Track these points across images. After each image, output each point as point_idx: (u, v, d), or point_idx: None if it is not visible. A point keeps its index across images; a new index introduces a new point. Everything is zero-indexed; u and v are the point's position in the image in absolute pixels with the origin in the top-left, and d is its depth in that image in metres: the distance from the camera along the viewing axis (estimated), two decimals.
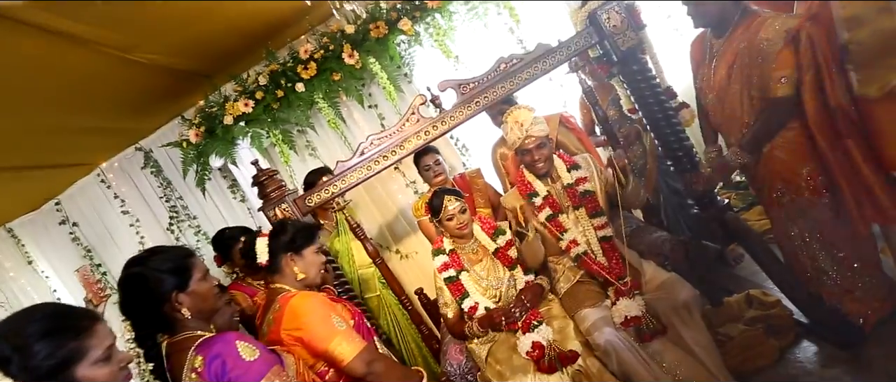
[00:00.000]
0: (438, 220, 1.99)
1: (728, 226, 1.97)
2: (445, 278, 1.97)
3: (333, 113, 2.96)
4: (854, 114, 1.52)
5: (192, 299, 1.15)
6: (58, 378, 0.84)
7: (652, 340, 1.66)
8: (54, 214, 3.44)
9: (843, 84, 1.51)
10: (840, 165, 1.61)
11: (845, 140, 1.56)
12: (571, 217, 1.94)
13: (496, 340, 1.88)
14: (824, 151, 1.62)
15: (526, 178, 2.00)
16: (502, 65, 2.11)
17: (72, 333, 0.87)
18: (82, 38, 1.94)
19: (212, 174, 3.10)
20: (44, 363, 0.83)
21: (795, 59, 1.54)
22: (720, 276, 2.21)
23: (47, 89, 2.15)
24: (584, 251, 1.89)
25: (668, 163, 2.17)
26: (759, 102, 1.66)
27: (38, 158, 2.84)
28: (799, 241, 1.78)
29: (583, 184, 1.96)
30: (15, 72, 1.89)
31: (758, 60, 1.60)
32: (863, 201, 1.62)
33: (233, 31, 2.60)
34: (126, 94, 2.63)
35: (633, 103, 2.20)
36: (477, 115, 2.14)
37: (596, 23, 2.06)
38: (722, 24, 1.73)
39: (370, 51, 2.84)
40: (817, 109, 1.58)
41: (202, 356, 1.06)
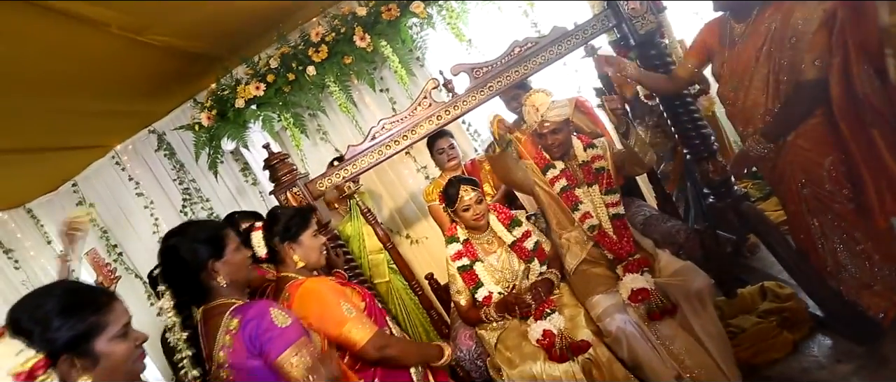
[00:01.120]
0: (453, 210, 1.98)
1: (744, 217, 1.94)
2: (459, 267, 1.97)
3: (345, 96, 2.94)
4: (880, 104, 1.47)
5: (228, 268, 1.21)
6: (77, 350, 0.86)
7: (661, 318, 1.67)
8: (71, 195, 3.50)
9: (870, 71, 1.45)
10: (863, 156, 1.57)
11: (870, 129, 1.52)
12: (585, 192, 1.94)
13: (506, 327, 1.88)
14: (848, 141, 1.58)
15: (544, 154, 1.98)
16: (516, 48, 2.08)
17: (91, 308, 0.90)
18: (95, 21, 1.94)
19: (224, 157, 3.12)
20: (64, 334, 0.85)
21: (829, 41, 1.48)
22: (735, 267, 2.18)
23: (62, 72, 2.17)
24: (598, 224, 1.89)
25: (685, 150, 2.14)
26: (788, 87, 1.60)
27: (55, 140, 2.88)
28: (819, 234, 1.75)
29: (598, 162, 1.95)
30: (30, 56, 1.91)
31: (791, 41, 1.54)
32: (884, 193, 1.58)
33: (244, 13, 2.59)
34: (139, 77, 2.64)
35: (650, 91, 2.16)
36: (490, 100, 2.12)
37: (614, 5, 2.01)
38: (745, 8, 1.67)
39: (382, 34, 2.81)
40: (842, 96, 1.53)
41: (238, 318, 1.12)
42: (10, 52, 1.83)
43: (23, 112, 2.32)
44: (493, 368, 1.85)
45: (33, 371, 0.80)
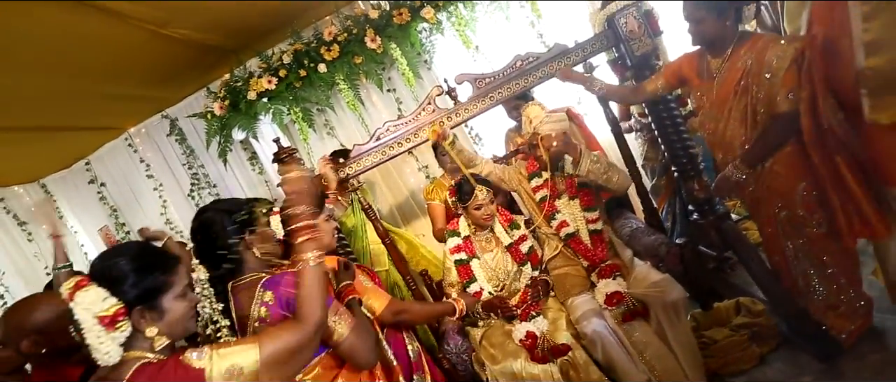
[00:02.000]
0: (465, 207, 2.11)
1: (724, 235, 2.07)
2: (456, 260, 2.11)
3: (353, 94, 3.07)
4: (843, 134, 1.60)
5: (260, 239, 1.32)
6: (147, 304, 1.00)
7: (633, 319, 1.81)
8: (84, 173, 3.65)
9: (834, 104, 1.58)
10: (832, 182, 1.69)
11: (835, 157, 1.64)
12: (566, 203, 2.08)
13: (492, 325, 2.02)
14: (818, 168, 1.70)
15: (535, 162, 2.12)
16: (519, 62, 2.20)
17: (160, 269, 1.04)
18: (121, 13, 2.08)
19: (233, 146, 3.26)
20: (137, 290, 0.99)
21: (799, 76, 1.61)
22: (715, 282, 2.30)
23: (85, 58, 2.31)
24: (574, 232, 2.05)
25: (673, 169, 2.26)
26: (765, 118, 1.72)
27: (72, 120, 3.03)
28: (792, 256, 1.87)
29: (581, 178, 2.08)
30: (62, 44, 2.04)
31: (766, 76, 1.67)
32: (852, 217, 1.70)
33: (261, 9, 2.72)
34: (157, 66, 2.78)
35: (644, 107, 2.27)
36: (492, 109, 2.25)
37: (614, 26, 2.13)
38: (721, 44, 1.79)
39: (392, 36, 2.94)
40: (811, 127, 1.65)
41: (271, 291, 1.23)
42: (44, 40, 1.98)
43: (46, 93, 2.47)
44: (478, 363, 1.98)
45: (115, 317, 0.94)
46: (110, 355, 0.93)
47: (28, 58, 2.07)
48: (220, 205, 1.36)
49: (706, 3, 1.76)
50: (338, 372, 1.30)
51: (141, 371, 0.94)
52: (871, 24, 1.42)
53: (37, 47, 2.03)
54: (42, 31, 1.93)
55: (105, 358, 0.93)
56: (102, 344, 0.92)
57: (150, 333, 0.99)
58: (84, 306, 0.92)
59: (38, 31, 1.92)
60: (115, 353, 0.93)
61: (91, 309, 0.92)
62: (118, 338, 0.94)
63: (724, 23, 1.76)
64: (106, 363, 0.93)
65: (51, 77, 2.33)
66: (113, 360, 0.93)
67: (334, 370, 1.29)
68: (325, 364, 1.28)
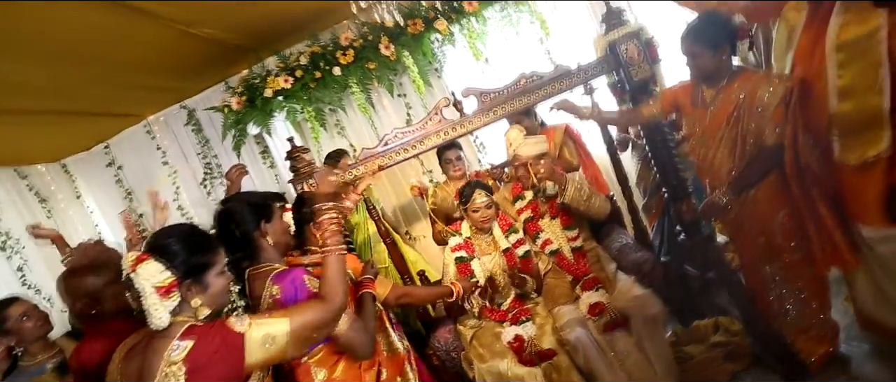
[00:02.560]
0: (465, 209, 2.26)
1: (707, 256, 2.20)
2: (456, 257, 2.27)
3: (364, 98, 3.23)
4: (819, 171, 1.73)
5: (275, 230, 1.49)
6: (195, 278, 1.17)
7: (613, 329, 1.95)
8: (103, 156, 3.84)
9: (811, 142, 1.71)
10: (809, 212, 1.82)
11: (812, 190, 1.77)
12: (548, 223, 2.24)
13: (482, 326, 2.17)
14: (797, 198, 1.83)
15: (519, 184, 2.27)
16: (523, 80, 2.35)
17: (206, 248, 1.21)
18: (154, 13, 2.25)
19: (247, 140, 3.42)
20: (188, 264, 1.15)
21: (786, 113, 1.73)
22: (697, 300, 2.43)
23: (115, 52, 2.48)
24: (557, 249, 2.21)
25: (664, 190, 2.39)
26: (753, 148, 1.85)
27: (96, 106, 3.21)
28: (768, 280, 2.00)
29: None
30: (98, 40, 2.21)
31: (758, 109, 1.79)
32: (825, 246, 1.83)
33: (284, 12, 2.88)
34: (181, 61, 2.95)
35: (640, 130, 2.41)
36: (495, 123, 2.39)
37: (615, 52, 2.27)
38: (717, 76, 1.92)
39: (405, 45, 3.09)
40: (792, 161, 1.78)
41: (278, 285, 1.41)
42: (79, 35, 2.15)
43: (75, 82, 2.65)
44: (466, 361, 2.13)
45: (169, 288, 1.11)
46: (162, 319, 1.10)
47: (62, 50, 2.23)
48: (242, 197, 1.55)
49: (702, 39, 1.89)
50: (339, 358, 1.46)
51: (190, 331, 1.12)
52: (845, 71, 1.56)
53: (72, 41, 2.19)
54: (78, 26, 2.09)
55: (157, 322, 1.10)
56: (157, 310, 1.09)
57: (194, 304, 1.15)
58: (144, 277, 1.09)
59: (75, 26, 2.08)
60: (166, 318, 1.11)
61: (150, 280, 1.09)
62: (169, 306, 1.11)
63: (719, 58, 1.89)
64: (157, 326, 1.10)
65: (81, 67, 2.50)
66: (163, 324, 1.11)
67: (336, 355, 1.46)
68: (328, 350, 1.45)
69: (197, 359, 1.10)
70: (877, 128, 1.54)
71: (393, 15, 2.24)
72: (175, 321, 1.13)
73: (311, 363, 1.43)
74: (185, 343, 1.10)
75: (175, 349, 1.10)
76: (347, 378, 1.46)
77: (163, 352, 1.10)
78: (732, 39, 1.90)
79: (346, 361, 1.47)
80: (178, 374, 1.08)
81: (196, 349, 1.10)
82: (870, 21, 1.48)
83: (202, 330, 1.13)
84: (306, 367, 1.44)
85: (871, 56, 1.49)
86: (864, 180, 1.65)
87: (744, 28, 1.94)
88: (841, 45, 1.56)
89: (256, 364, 1.17)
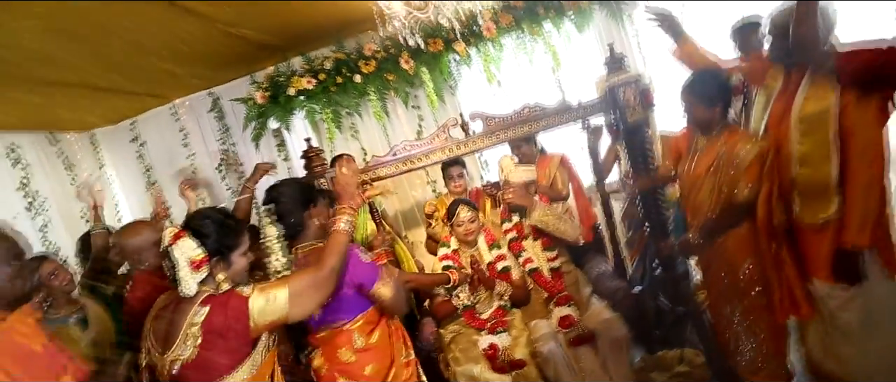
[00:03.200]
0: (450, 223, 2.50)
1: (679, 291, 2.41)
2: (444, 266, 2.51)
3: (380, 106, 3.50)
4: (787, 227, 1.94)
5: (319, 212, 1.74)
6: (223, 255, 1.40)
7: (581, 344, 2.19)
8: (128, 132, 4.14)
9: (781, 205, 1.92)
10: (773, 264, 2.02)
11: (779, 245, 1.98)
12: (531, 244, 2.51)
13: (461, 332, 2.40)
14: (764, 250, 2.04)
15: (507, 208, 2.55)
16: (526, 110, 2.59)
17: (235, 231, 1.45)
18: (198, 12, 2.53)
19: (266, 132, 3.69)
20: (219, 244, 1.39)
21: (760, 172, 1.94)
22: (668, 332, 2.64)
23: (157, 42, 2.76)
24: (537, 268, 2.47)
25: (647, 226, 2.61)
26: (726, 199, 2.07)
27: (127, 85, 3.48)
28: (729, 319, 2.21)
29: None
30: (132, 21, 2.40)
31: (732, 165, 2.01)
32: (785, 297, 2.03)
33: (315, 19, 3.14)
34: (215, 54, 3.24)
35: (629, 167, 2.64)
36: (497, 146, 2.64)
37: (613, 94, 2.50)
38: (709, 126, 2.14)
39: (424, 62, 3.35)
40: (765, 217, 1.98)
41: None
42: (126, 22, 2.41)
43: (116, 63, 2.93)
44: (443, 362, 2.36)
45: (200, 263, 1.34)
46: (191, 288, 1.34)
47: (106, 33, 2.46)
48: (294, 182, 1.82)
49: (699, 92, 2.11)
50: (375, 326, 1.73)
51: (209, 299, 1.36)
52: (805, 140, 1.78)
53: (116, 26, 2.43)
54: (125, 15, 2.35)
55: (187, 290, 1.34)
56: (187, 280, 1.33)
57: (219, 278, 1.39)
58: (181, 251, 1.33)
59: (122, 14, 2.33)
60: (194, 288, 1.35)
61: (186, 254, 1.33)
62: (198, 278, 1.35)
63: (713, 111, 2.10)
64: (186, 294, 1.34)
65: (120, 50, 2.75)
66: (192, 292, 1.34)
67: (373, 324, 1.72)
68: (367, 319, 1.71)
69: (211, 324, 1.33)
70: (828, 195, 1.76)
71: (415, 38, 2.49)
72: (199, 290, 1.37)
73: (353, 329, 1.68)
74: (204, 310, 1.35)
75: (197, 313, 1.34)
76: (380, 345, 1.72)
77: (187, 314, 1.34)
78: (726, 96, 2.12)
79: (380, 330, 1.74)
80: (196, 334, 1.33)
81: (210, 315, 1.34)
82: (826, 99, 1.70)
83: (217, 300, 1.36)
84: (348, 334, 1.69)
85: (825, 130, 1.71)
86: (817, 239, 1.86)
87: (738, 86, 2.16)
88: (803, 118, 1.78)
89: (262, 326, 1.38)
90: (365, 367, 1.68)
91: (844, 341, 1.87)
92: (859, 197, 1.70)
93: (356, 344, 1.68)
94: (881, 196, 1.72)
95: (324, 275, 1.45)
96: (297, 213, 1.69)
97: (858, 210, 1.71)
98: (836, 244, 1.79)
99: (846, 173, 1.71)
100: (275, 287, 1.39)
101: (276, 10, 2.75)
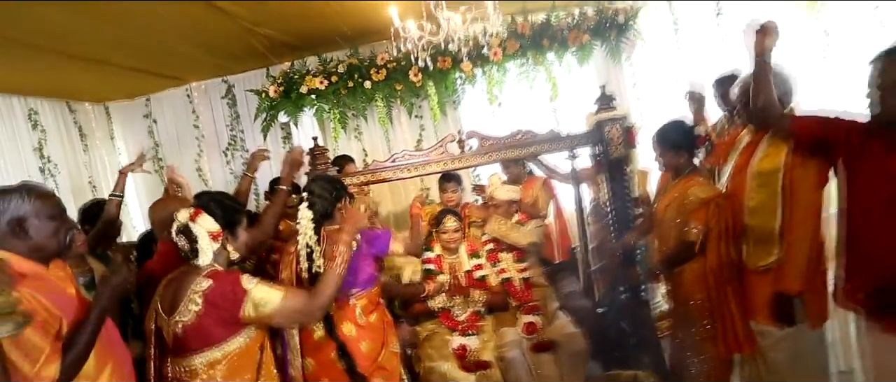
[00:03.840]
0: (436, 231, 2.76)
1: (637, 318, 2.66)
2: (425, 269, 2.77)
3: (386, 113, 3.77)
4: (733, 270, 2.19)
5: (345, 205, 2.08)
6: (231, 230, 1.66)
7: (541, 351, 2.44)
8: (142, 107, 4.39)
9: (728, 249, 2.18)
10: (719, 301, 2.28)
11: (725, 285, 2.23)
12: (505, 256, 2.79)
13: (436, 332, 2.64)
14: (711, 288, 2.29)
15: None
16: (519, 135, 2.85)
17: (238, 210, 1.73)
18: (228, 11, 2.79)
19: (274, 125, 3.94)
20: (227, 219, 1.64)
21: (706, 216, 2.21)
22: (628, 353, 2.88)
23: (185, 32, 3.03)
24: (510, 277, 2.74)
25: (618, 253, 2.86)
26: (678, 236, 2.33)
27: (151, 66, 3.74)
28: (678, 345, 2.46)
29: None
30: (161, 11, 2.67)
31: (684, 207, 2.28)
32: (728, 334, 2.28)
33: (336, 24, 3.40)
34: (237, 47, 3.50)
35: (609, 198, 2.90)
36: (489, 164, 2.90)
37: (600, 129, 2.77)
38: (678, 170, 2.41)
39: (432, 76, 3.62)
40: (714, 257, 2.24)
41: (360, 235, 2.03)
42: (162, 17, 2.67)
43: (143, 47, 3.18)
44: (417, 358, 2.60)
45: (217, 235, 1.60)
46: (208, 257, 1.59)
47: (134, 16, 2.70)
48: (330, 178, 2.19)
49: (666, 140, 2.39)
50: (375, 310, 2.01)
51: (213, 273, 1.60)
52: (756, 194, 2.04)
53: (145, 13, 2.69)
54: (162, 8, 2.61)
55: (204, 259, 1.59)
56: (206, 251, 1.58)
57: (229, 249, 1.65)
58: (202, 225, 1.59)
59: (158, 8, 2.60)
60: (210, 257, 1.60)
61: (205, 227, 1.59)
62: (214, 247, 1.60)
63: (678, 158, 2.38)
64: (203, 263, 1.59)
65: (145, 33, 2.99)
66: (208, 261, 1.60)
67: (374, 306, 2.01)
68: (370, 298, 2.01)
69: (211, 296, 1.56)
70: (771, 244, 2.01)
71: (425, 58, 2.75)
72: (209, 263, 1.62)
73: (357, 305, 1.98)
74: (208, 282, 1.58)
75: (200, 284, 1.58)
76: (376, 327, 2.01)
77: (192, 283, 1.58)
78: (690, 144, 2.40)
79: (377, 313, 2.03)
80: (198, 301, 1.56)
81: (212, 288, 1.57)
82: (777, 158, 1.96)
83: (220, 275, 1.60)
84: (353, 310, 1.97)
85: (775, 186, 1.97)
86: (760, 282, 2.11)
87: (702, 137, 2.43)
88: (757, 173, 2.04)
89: (248, 318, 1.56)
90: (361, 343, 1.94)
91: (770, 377, 2.12)
92: (796, 249, 1.96)
93: (359, 321, 1.95)
94: (816, 249, 1.98)
95: (313, 308, 1.65)
96: (329, 204, 2.02)
97: (795, 259, 1.96)
98: (775, 288, 2.04)
99: (787, 226, 1.97)
100: (272, 293, 1.58)
101: (301, 14, 3.02)
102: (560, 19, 3.53)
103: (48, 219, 1.44)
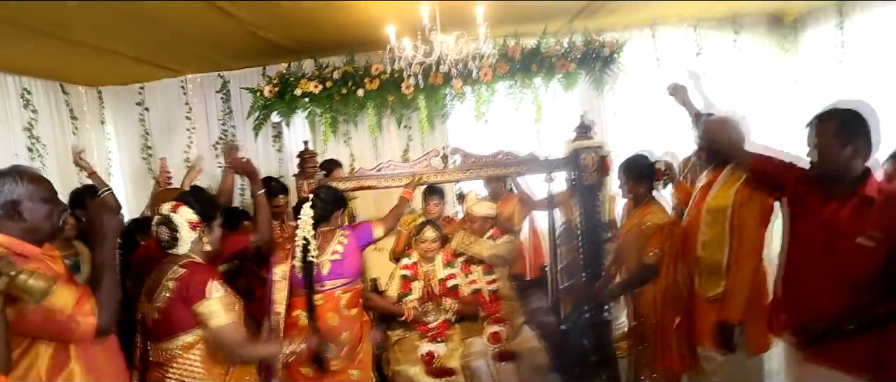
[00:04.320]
0: (416, 239, 2.92)
1: (599, 337, 2.85)
2: (402, 274, 2.94)
3: (376, 121, 3.93)
4: (679, 294, 2.40)
5: (342, 213, 2.48)
6: (207, 223, 1.81)
7: (502, 360, 2.63)
8: (136, 95, 4.49)
9: (675, 274, 2.39)
10: (666, 323, 2.48)
11: (674, 310, 2.44)
12: (476, 268, 2.99)
13: (406, 337, 2.80)
14: (660, 309, 2.50)
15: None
16: (500, 154, 3.03)
17: (215, 206, 1.90)
18: (231, 13, 2.94)
19: (266, 124, 4.08)
20: (203, 214, 1.79)
21: (661, 242, 2.42)
22: (588, 370, 3.06)
23: (190, 29, 3.17)
24: (479, 289, 2.94)
25: (584, 274, 3.06)
26: (635, 259, 2.54)
27: (150, 57, 3.85)
28: (636, 362, 2.66)
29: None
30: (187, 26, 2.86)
31: (642, 231, 2.49)
32: (674, 353, 2.48)
33: (336, 32, 3.55)
34: (237, 46, 3.65)
35: (580, 221, 3.10)
36: (470, 180, 3.08)
37: (576, 156, 2.97)
38: (638, 199, 2.63)
39: (423, 90, 3.79)
40: (662, 280, 2.45)
41: (347, 231, 2.47)
42: (165, 13, 2.81)
43: (139, 36, 3.30)
44: (386, 360, 2.75)
45: (196, 224, 1.76)
46: (186, 246, 1.75)
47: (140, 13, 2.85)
48: (333, 190, 2.48)
49: (626, 172, 2.61)
50: (356, 305, 2.29)
51: (189, 264, 1.75)
52: (708, 229, 2.25)
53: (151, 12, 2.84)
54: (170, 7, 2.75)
55: (183, 247, 1.75)
56: (184, 239, 1.74)
57: (205, 240, 1.81)
58: (182, 216, 1.75)
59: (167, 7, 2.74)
60: (188, 246, 1.76)
61: (185, 217, 1.75)
62: (192, 238, 1.76)
63: (638, 187, 2.60)
64: (181, 250, 1.75)
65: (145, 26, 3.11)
66: (186, 249, 1.75)
67: (356, 300, 2.29)
68: (355, 292, 2.30)
69: (182, 283, 1.70)
70: (718, 277, 2.22)
71: (418, 76, 2.94)
72: (186, 253, 1.77)
73: (343, 297, 2.28)
74: (182, 270, 1.73)
75: (176, 271, 1.73)
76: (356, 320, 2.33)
77: (169, 270, 1.73)
78: (650, 176, 2.62)
79: (358, 309, 2.35)
80: (170, 287, 1.71)
81: (184, 275, 1.71)
82: (727, 198, 2.18)
83: (194, 267, 1.74)
84: (338, 301, 2.27)
85: (724, 222, 2.18)
86: (707, 311, 2.31)
87: (661, 170, 2.65)
88: (710, 209, 2.25)
89: (197, 315, 1.69)
90: (342, 333, 2.19)
91: None
92: (739, 281, 2.16)
93: (343, 312, 2.22)
94: (758, 282, 2.19)
95: (240, 352, 1.76)
96: (329, 210, 2.36)
97: (737, 291, 2.17)
98: (719, 317, 2.25)
99: (733, 260, 2.18)
100: (222, 315, 1.69)
101: (303, 21, 3.18)
102: (549, 46, 3.75)
103: (42, 202, 1.47)
